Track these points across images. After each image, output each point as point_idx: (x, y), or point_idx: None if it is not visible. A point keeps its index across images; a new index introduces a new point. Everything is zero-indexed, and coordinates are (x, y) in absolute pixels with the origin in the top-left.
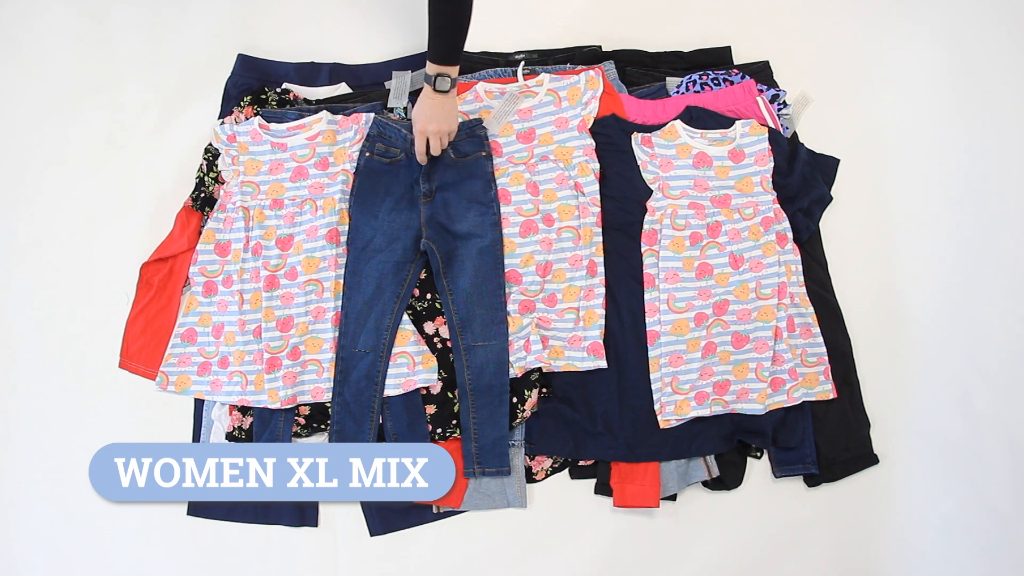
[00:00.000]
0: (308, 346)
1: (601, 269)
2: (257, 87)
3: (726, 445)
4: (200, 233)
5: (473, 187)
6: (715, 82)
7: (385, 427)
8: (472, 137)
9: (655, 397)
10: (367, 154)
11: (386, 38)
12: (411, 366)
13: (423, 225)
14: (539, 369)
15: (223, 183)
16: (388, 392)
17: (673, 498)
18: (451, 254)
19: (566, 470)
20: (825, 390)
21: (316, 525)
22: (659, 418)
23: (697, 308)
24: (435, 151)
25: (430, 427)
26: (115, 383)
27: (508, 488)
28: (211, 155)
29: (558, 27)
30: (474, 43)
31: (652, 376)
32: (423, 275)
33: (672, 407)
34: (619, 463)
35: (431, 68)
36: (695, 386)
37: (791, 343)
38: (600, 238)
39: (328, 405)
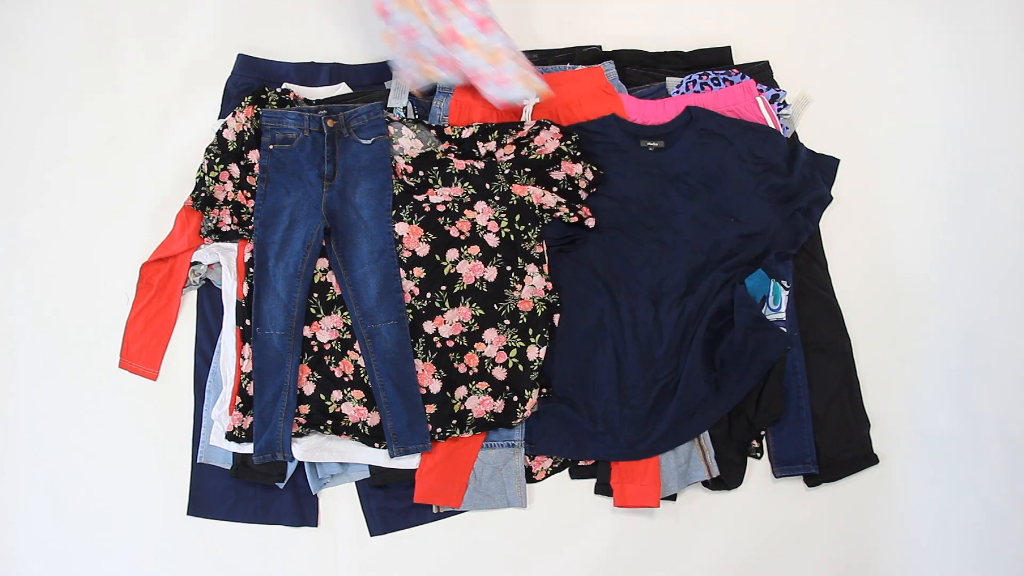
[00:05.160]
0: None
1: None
2: (257, 87)
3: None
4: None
5: (376, 169)
6: (715, 82)
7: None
8: (373, 121)
9: None
10: (270, 147)
11: None
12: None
13: (323, 206)
14: (539, 369)
15: (224, 182)
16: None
17: (673, 498)
18: (347, 229)
19: (566, 470)
20: None
21: (316, 525)
22: None
23: None
24: None
25: (430, 427)
26: (115, 383)
27: (508, 488)
28: (212, 154)
29: (558, 27)
30: None
31: None
32: (422, 274)
33: None
34: (619, 463)
35: None
36: None
37: None
38: None
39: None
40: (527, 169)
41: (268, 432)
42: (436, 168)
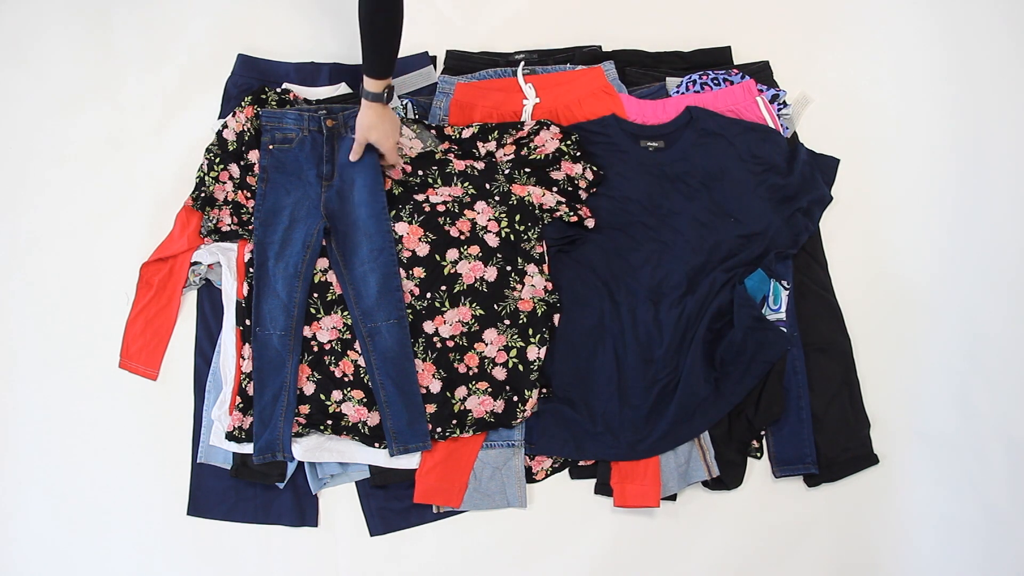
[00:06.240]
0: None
1: None
2: (257, 87)
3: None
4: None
5: (374, 168)
6: (715, 82)
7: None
8: None
9: None
10: (270, 147)
11: None
12: None
13: (322, 205)
14: (539, 369)
15: (224, 182)
16: None
17: (673, 498)
18: (347, 229)
19: (566, 470)
20: None
21: (316, 525)
22: None
23: None
24: (392, 159)
25: (430, 426)
26: (115, 383)
27: (508, 488)
28: (212, 154)
29: (558, 27)
30: (474, 43)
31: None
32: (422, 274)
33: None
34: (619, 463)
35: (375, 85)
36: None
37: None
38: None
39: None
40: (527, 169)
41: (268, 432)
42: (436, 168)
